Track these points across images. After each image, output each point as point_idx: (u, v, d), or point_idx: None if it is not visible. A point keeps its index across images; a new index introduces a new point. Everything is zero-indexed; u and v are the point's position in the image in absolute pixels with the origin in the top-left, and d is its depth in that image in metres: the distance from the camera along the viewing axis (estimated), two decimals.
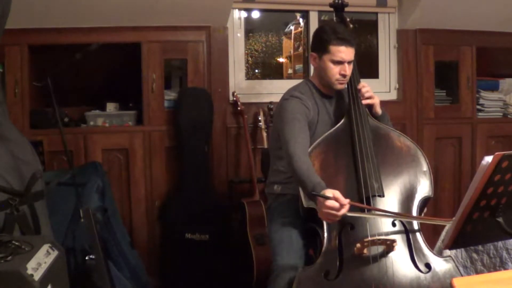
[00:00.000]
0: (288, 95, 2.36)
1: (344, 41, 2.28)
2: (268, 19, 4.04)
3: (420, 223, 2.11)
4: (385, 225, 2.06)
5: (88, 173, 2.91)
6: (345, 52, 2.29)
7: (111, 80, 3.53)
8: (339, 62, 2.30)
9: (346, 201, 1.94)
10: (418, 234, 2.07)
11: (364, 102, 2.37)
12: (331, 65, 2.31)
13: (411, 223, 2.09)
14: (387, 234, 2.04)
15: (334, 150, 2.23)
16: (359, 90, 2.39)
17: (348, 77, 2.35)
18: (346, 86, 2.40)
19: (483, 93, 4.00)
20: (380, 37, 3.94)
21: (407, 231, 2.06)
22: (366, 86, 2.42)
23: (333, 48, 2.28)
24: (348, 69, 2.32)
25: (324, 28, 2.35)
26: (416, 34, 3.83)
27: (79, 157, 3.33)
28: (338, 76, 2.32)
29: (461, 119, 3.93)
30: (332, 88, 2.38)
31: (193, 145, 3.41)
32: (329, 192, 1.94)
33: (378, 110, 2.43)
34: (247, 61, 3.90)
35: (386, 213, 2.07)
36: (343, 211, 1.93)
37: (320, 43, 2.32)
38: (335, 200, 1.92)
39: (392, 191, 2.15)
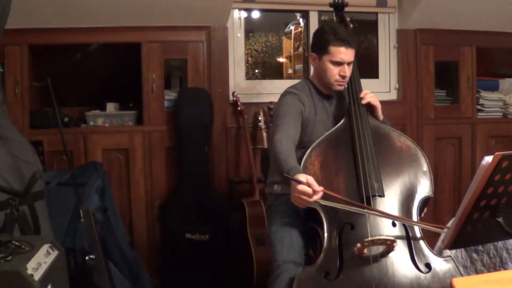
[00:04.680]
0: (285, 92, 2.39)
1: (344, 42, 2.27)
2: (268, 19, 4.04)
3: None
4: (385, 225, 2.06)
5: (88, 173, 2.91)
6: (345, 53, 2.28)
7: (111, 80, 3.52)
8: (339, 63, 2.29)
9: (319, 188, 1.92)
10: (418, 234, 2.07)
11: (365, 102, 2.35)
12: (330, 66, 2.31)
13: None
14: (387, 234, 2.03)
15: (334, 150, 2.23)
16: (363, 98, 2.36)
17: (347, 79, 2.34)
18: (346, 86, 2.40)
19: (483, 93, 4.00)
20: (380, 37, 3.94)
21: (407, 231, 2.06)
22: (369, 93, 2.40)
23: (333, 49, 2.27)
24: (347, 71, 2.31)
25: (324, 28, 2.34)
26: (416, 34, 3.83)
27: (79, 157, 3.33)
28: (337, 77, 2.32)
29: (461, 119, 3.93)
30: (331, 89, 2.38)
31: (193, 145, 3.41)
32: (302, 177, 1.92)
33: (379, 115, 2.42)
34: (247, 61, 3.90)
35: (363, 209, 2.04)
36: (315, 197, 1.92)
37: (320, 44, 2.32)
38: (308, 186, 1.91)
39: (392, 191, 2.15)
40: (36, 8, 3.06)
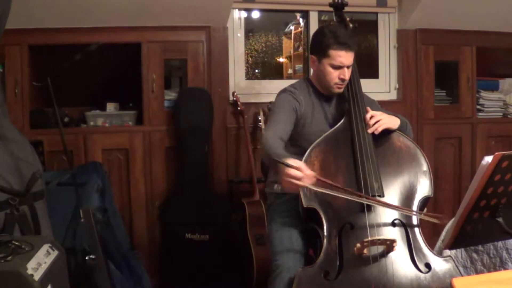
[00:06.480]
0: (281, 90, 2.41)
1: (345, 46, 2.26)
2: (268, 19, 4.04)
3: (420, 223, 2.11)
4: (385, 225, 2.06)
5: (88, 173, 2.91)
6: (345, 57, 2.27)
7: (111, 80, 3.53)
8: (339, 67, 2.29)
9: (310, 172, 1.92)
10: (418, 234, 2.07)
11: (370, 130, 2.25)
12: (330, 69, 2.30)
13: (411, 223, 2.09)
14: (387, 234, 2.04)
15: (334, 150, 2.23)
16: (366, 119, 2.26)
17: (346, 81, 2.34)
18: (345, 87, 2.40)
19: (483, 93, 4.00)
20: (380, 37, 3.94)
21: (407, 231, 2.06)
22: (375, 116, 2.26)
23: (333, 53, 2.27)
24: (347, 74, 2.31)
25: (324, 31, 2.32)
26: (416, 34, 3.83)
27: (79, 157, 3.33)
28: (337, 80, 2.32)
29: (461, 119, 3.93)
30: (330, 91, 2.38)
31: (193, 145, 3.41)
32: (292, 161, 1.93)
33: (393, 126, 2.30)
34: (247, 61, 3.90)
35: (356, 196, 2.04)
36: (306, 181, 1.92)
37: (320, 47, 2.31)
38: (298, 170, 1.90)
39: (392, 191, 2.15)
40: (36, 8, 3.06)
